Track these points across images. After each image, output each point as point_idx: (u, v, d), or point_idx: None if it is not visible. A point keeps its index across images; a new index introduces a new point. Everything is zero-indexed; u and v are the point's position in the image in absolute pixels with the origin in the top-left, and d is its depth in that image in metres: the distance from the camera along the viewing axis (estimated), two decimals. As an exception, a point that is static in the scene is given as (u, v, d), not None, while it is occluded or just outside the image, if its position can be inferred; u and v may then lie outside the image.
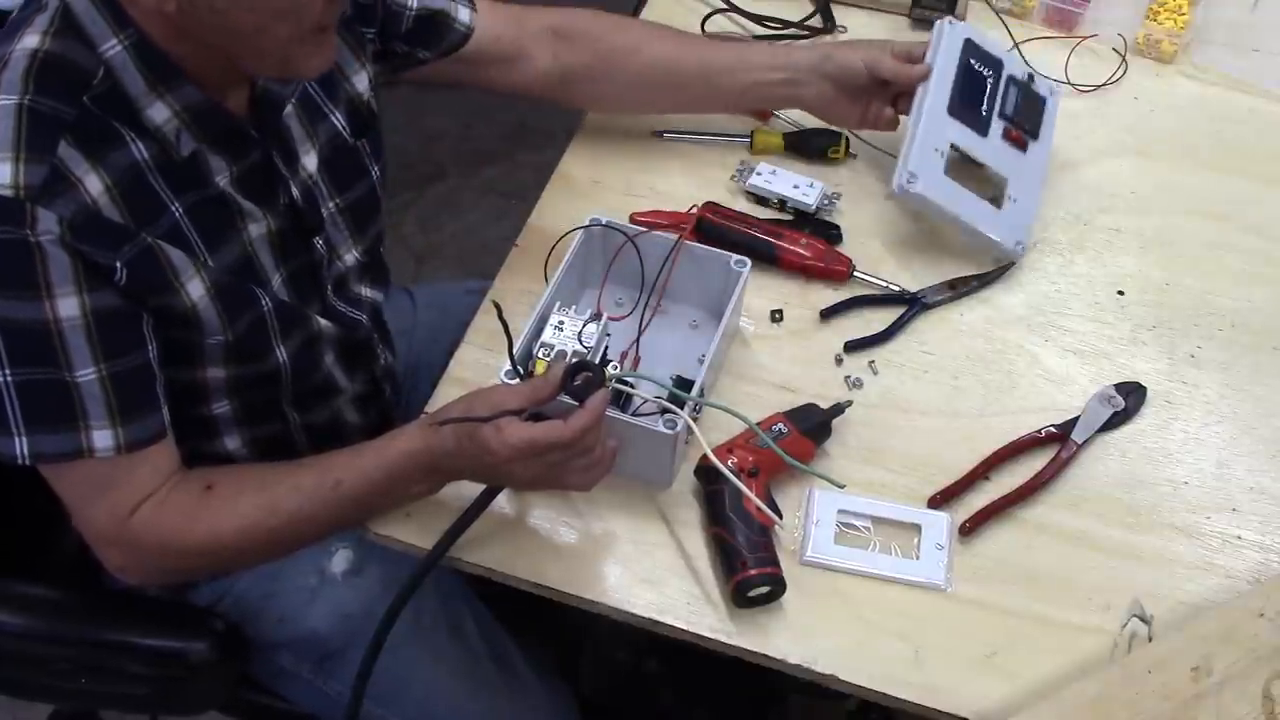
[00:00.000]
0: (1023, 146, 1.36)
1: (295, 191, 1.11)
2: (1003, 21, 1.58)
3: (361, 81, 1.20)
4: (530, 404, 1.01)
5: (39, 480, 1.04)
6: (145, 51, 0.96)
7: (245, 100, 1.05)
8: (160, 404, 1.02)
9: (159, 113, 0.98)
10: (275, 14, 0.93)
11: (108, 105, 0.95)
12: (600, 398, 1.01)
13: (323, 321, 1.16)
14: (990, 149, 1.35)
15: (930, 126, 1.34)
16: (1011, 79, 1.37)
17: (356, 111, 1.19)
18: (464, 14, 1.28)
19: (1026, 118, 1.36)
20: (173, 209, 1.00)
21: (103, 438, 0.98)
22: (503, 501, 1.10)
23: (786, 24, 1.57)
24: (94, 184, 0.94)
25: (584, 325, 1.10)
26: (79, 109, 0.94)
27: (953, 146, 1.34)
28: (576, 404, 1.01)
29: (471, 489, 1.06)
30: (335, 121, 1.16)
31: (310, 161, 1.13)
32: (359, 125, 1.19)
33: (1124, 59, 1.55)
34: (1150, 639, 1.07)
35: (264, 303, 1.08)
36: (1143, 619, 1.08)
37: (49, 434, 0.97)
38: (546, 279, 1.18)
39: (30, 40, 0.94)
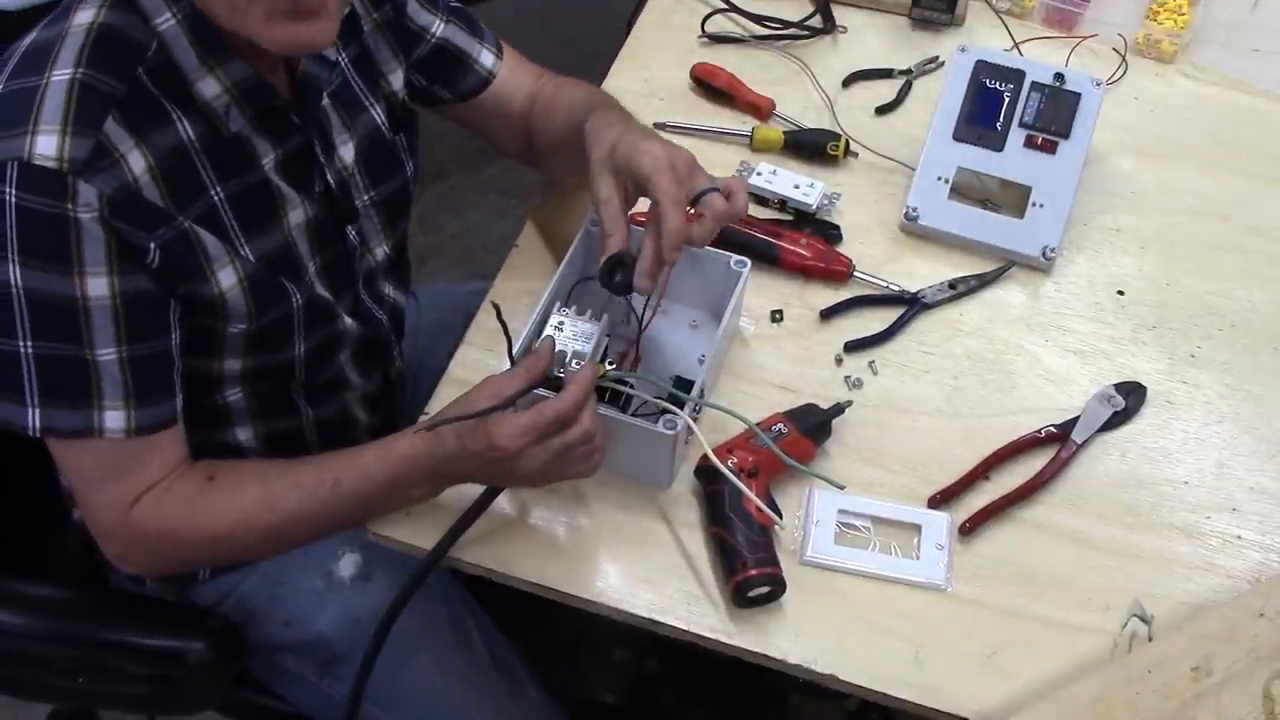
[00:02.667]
0: (1051, 150, 1.36)
1: (330, 180, 1.11)
2: (1003, 22, 1.58)
3: (397, 80, 1.21)
4: (528, 383, 1.01)
5: (39, 480, 1.04)
6: (198, 25, 0.97)
7: (285, 83, 1.06)
8: (175, 392, 1.03)
9: (209, 87, 0.99)
10: None
11: (159, 80, 0.97)
12: (588, 368, 1.01)
13: (349, 321, 1.17)
14: (1008, 162, 1.36)
15: (933, 156, 1.37)
16: (1035, 85, 1.37)
17: (393, 108, 1.20)
18: (487, 59, 1.28)
19: (1053, 120, 1.36)
20: (213, 193, 1.01)
21: (114, 419, 0.99)
22: (503, 502, 1.10)
23: (786, 24, 1.57)
24: (137, 162, 0.95)
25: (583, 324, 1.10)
26: (130, 84, 0.95)
27: (961, 169, 1.35)
28: (554, 394, 1.01)
29: (472, 489, 1.06)
30: (375, 115, 1.17)
31: (347, 153, 1.14)
32: (397, 121, 1.20)
33: (1124, 59, 1.55)
34: (1150, 639, 1.07)
35: (295, 299, 1.08)
36: (1143, 619, 1.08)
37: (62, 409, 0.98)
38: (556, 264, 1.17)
39: (85, 15, 0.96)
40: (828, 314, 1.28)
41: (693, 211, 1.05)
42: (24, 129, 0.91)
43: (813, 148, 1.43)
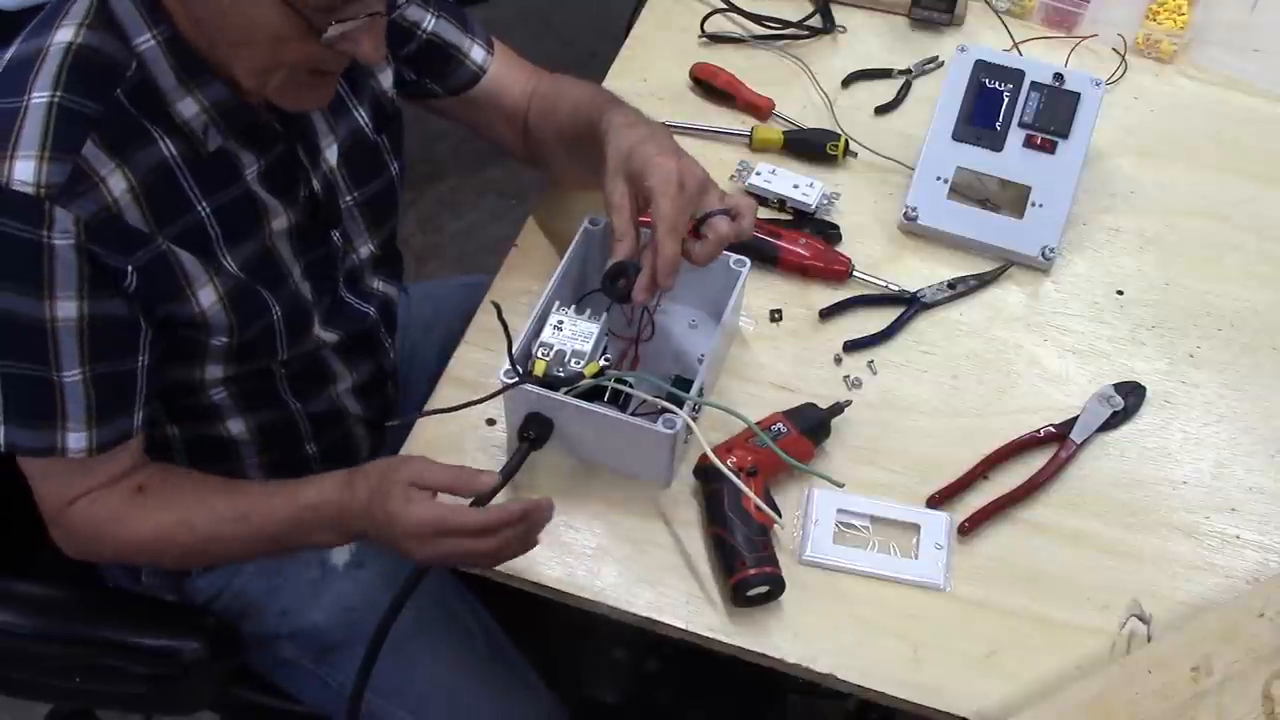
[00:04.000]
0: (1050, 149, 1.35)
1: (316, 184, 1.11)
2: (1003, 22, 1.58)
3: (386, 78, 1.20)
4: (451, 488, 1.00)
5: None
6: (177, 47, 0.97)
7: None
8: (135, 409, 1.04)
9: (188, 108, 0.99)
10: (248, 27, 0.93)
11: (138, 100, 0.97)
12: (535, 502, 1.00)
13: (327, 325, 1.17)
14: (1007, 161, 1.36)
15: (932, 156, 1.37)
16: (1035, 85, 1.37)
17: (380, 107, 1.20)
18: (478, 53, 1.28)
19: (1052, 120, 1.36)
20: (200, 208, 1.01)
21: (77, 440, 1.01)
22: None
23: (786, 24, 1.57)
24: (117, 184, 0.95)
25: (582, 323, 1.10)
26: (108, 105, 0.95)
27: (960, 169, 1.35)
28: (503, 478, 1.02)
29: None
30: (358, 116, 1.17)
31: (331, 154, 1.14)
32: (381, 121, 1.20)
33: (1124, 59, 1.55)
34: (1149, 639, 1.07)
35: (275, 311, 1.09)
36: (1141, 619, 1.08)
37: (27, 429, 0.99)
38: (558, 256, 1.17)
39: (65, 33, 0.96)
40: (827, 313, 1.28)
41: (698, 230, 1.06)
42: (2, 154, 0.91)
43: (812, 147, 1.43)
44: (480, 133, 1.35)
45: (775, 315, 1.28)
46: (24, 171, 0.91)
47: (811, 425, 1.14)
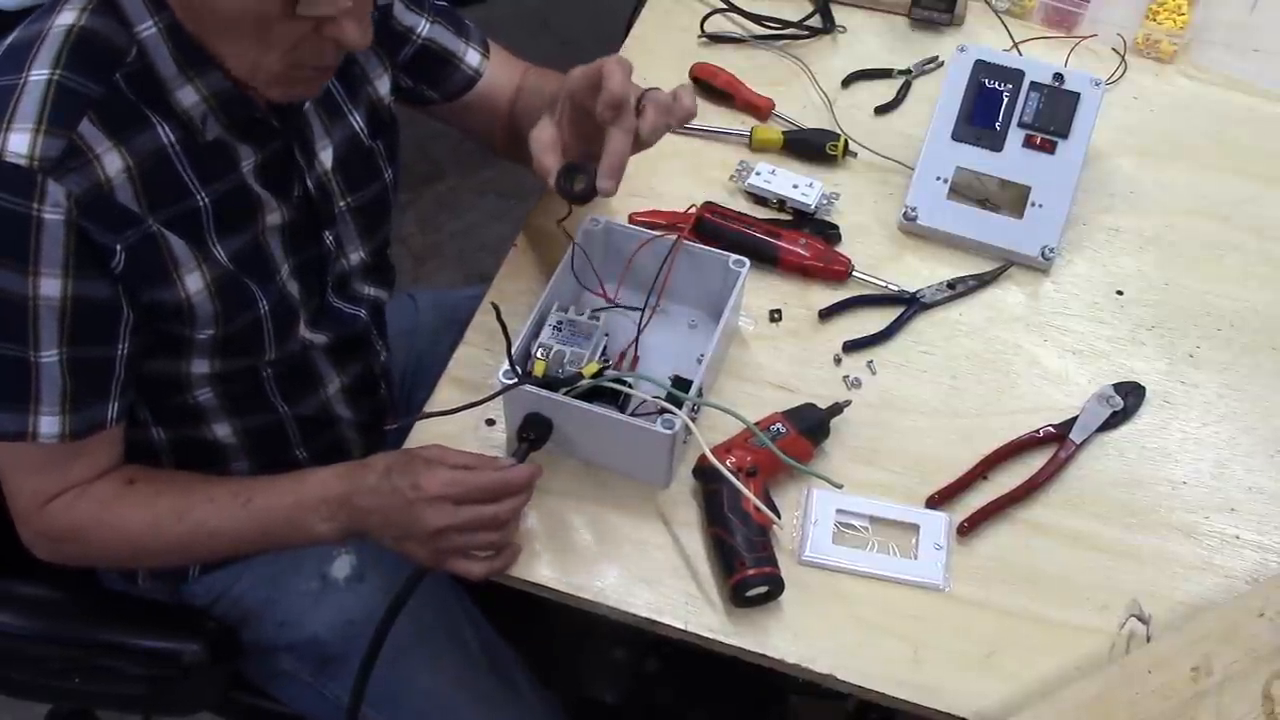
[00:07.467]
0: (1050, 149, 1.35)
1: (310, 184, 1.11)
2: (1002, 22, 1.58)
3: (384, 85, 1.20)
4: (470, 465, 1.04)
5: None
6: (178, 35, 0.97)
7: None
8: (111, 398, 1.03)
9: (188, 96, 0.99)
10: (233, 14, 0.92)
11: (138, 85, 0.97)
12: (535, 466, 1.05)
13: (313, 326, 1.17)
14: (1007, 161, 1.36)
15: (932, 156, 1.37)
16: (1035, 85, 1.37)
17: (376, 114, 1.19)
18: (474, 58, 1.28)
19: (1052, 120, 1.36)
20: (195, 195, 1.01)
21: (50, 424, 0.99)
22: (501, 501, 1.10)
23: (786, 24, 1.57)
24: (113, 163, 0.95)
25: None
26: (108, 87, 0.95)
27: (960, 169, 1.35)
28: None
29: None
30: (354, 122, 1.17)
31: (326, 158, 1.14)
32: (377, 127, 1.20)
33: (1124, 59, 1.55)
34: (1149, 639, 1.07)
35: (262, 305, 1.08)
36: (1141, 619, 1.08)
37: (0, 411, 0.98)
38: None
39: (67, 16, 0.96)
40: (826, 314, 1.28)
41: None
42: None
43: (812, 147, 1.43)
44: (471, 135, 1.35)
45: (775, 315, 1.28)
46: (18, 144, 0.91)
47: (811, 425, 1.14)
